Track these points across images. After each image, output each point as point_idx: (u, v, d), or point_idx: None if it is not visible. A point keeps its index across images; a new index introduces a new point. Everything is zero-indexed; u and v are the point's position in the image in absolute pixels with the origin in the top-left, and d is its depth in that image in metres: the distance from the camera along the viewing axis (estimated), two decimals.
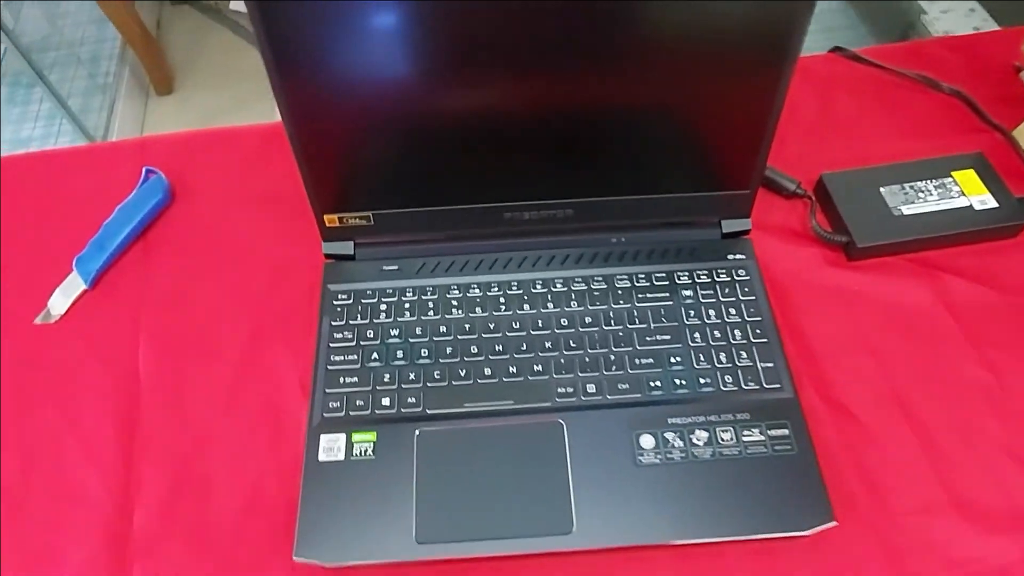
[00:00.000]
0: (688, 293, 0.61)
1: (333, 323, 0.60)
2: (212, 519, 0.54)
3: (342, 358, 0.58)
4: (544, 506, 0.51)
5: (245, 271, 0.66)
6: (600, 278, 0.62)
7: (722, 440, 0.53)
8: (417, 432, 0.54)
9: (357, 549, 0.50)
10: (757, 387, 0.56)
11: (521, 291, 0.61)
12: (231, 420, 0.58)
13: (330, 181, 0.59)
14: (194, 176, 0.73)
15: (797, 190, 0.67)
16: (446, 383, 0.57)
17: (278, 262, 0.66)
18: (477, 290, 0.61)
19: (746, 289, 0.60)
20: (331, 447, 0.54)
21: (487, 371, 0.57)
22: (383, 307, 0.61)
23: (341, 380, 0.57)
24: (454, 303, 0.61)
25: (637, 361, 0.57)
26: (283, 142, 0.76)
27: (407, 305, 0.61)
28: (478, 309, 0.60)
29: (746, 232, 0.64)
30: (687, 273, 0.62)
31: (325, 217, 0.61)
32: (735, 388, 0.56)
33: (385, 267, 0.63)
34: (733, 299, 0.60)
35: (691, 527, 0.50)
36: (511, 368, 0.57)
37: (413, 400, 0.56)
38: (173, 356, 0.62)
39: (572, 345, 0.58)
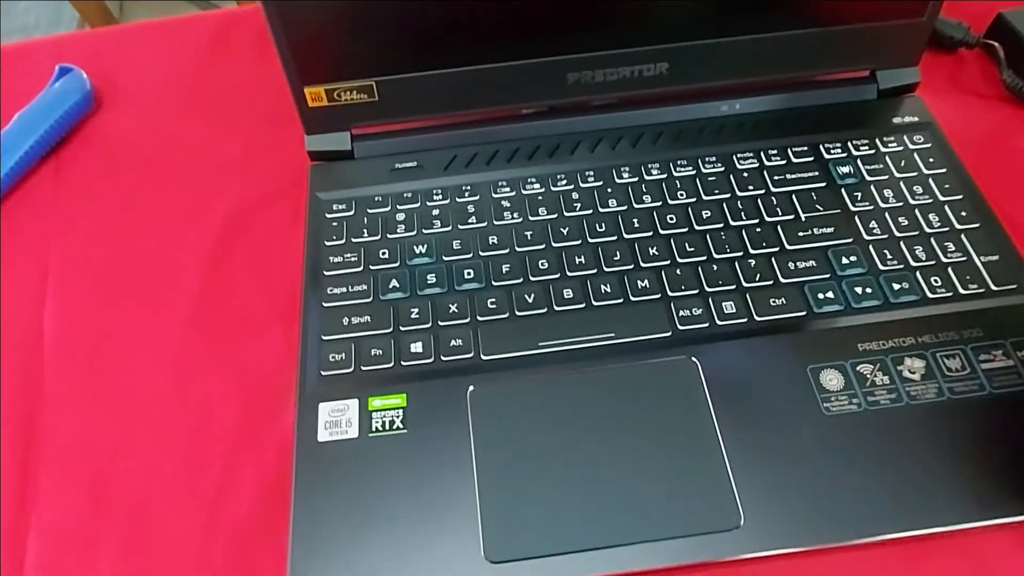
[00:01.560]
0: (846, 170, 0.41)
1: (328, 243, 0.40)
2: (154, 544, 0.34)
3: (344, 289, 0.39)
4: (688, 491, 0.32)
5: (196, 192, 0.46)
6: (714, 158, 0.42)
7: (949, 370, 0.34)
8: (471, 389, 0.35)
9: None
10: (981, 290, 0.37)
11: (601, 182, 0.42)
12: (182, 395, 0.38)
13: (312, 30, 0.39)
14: (125, 75, 0.53)
15: (966, 37, 0.48)
16: (507, 315, 0.37)
17: (242, 176, 0.47)
18: (536, 184, 0.42)
19: (931, 160, 0.41)
20: (336, 420, 0.34)
21: (567, 292, 0.38)
22: (400, 217, 0.41)
23: (345, 320, 0.37)
24: (506, 204, 0.41)
25: (792, 265, 0.38)
26: (243, 30, 0.57)
27: (436, 212, 0.41)
28: (542, 210, 0.41)
29: (912, 88, 0.45)
30: (839, 145, 0.43)
31: (308, 92, 0.41)
32: (948, 294, 0.37)
33: (399, 164, 0.43)
34: (915, 174, 0.41)
35: (934, 506, 0.31)
36: (603, 287, 0.38)
37: (459, 342, 0.36)
38: (95, 313, 0.42)
39: (689, 249, 0.39)
